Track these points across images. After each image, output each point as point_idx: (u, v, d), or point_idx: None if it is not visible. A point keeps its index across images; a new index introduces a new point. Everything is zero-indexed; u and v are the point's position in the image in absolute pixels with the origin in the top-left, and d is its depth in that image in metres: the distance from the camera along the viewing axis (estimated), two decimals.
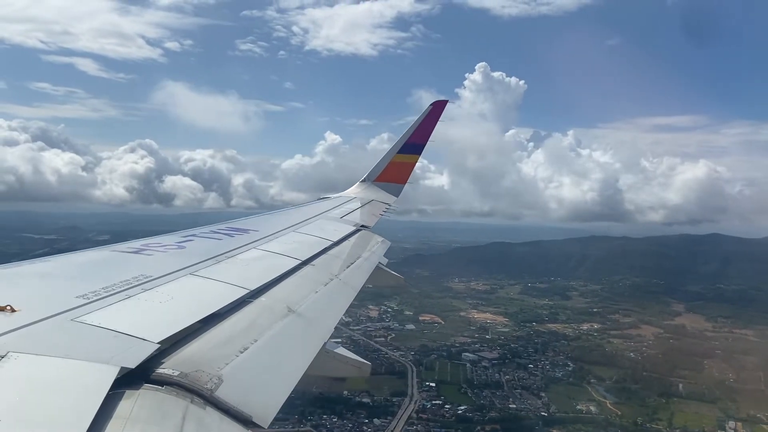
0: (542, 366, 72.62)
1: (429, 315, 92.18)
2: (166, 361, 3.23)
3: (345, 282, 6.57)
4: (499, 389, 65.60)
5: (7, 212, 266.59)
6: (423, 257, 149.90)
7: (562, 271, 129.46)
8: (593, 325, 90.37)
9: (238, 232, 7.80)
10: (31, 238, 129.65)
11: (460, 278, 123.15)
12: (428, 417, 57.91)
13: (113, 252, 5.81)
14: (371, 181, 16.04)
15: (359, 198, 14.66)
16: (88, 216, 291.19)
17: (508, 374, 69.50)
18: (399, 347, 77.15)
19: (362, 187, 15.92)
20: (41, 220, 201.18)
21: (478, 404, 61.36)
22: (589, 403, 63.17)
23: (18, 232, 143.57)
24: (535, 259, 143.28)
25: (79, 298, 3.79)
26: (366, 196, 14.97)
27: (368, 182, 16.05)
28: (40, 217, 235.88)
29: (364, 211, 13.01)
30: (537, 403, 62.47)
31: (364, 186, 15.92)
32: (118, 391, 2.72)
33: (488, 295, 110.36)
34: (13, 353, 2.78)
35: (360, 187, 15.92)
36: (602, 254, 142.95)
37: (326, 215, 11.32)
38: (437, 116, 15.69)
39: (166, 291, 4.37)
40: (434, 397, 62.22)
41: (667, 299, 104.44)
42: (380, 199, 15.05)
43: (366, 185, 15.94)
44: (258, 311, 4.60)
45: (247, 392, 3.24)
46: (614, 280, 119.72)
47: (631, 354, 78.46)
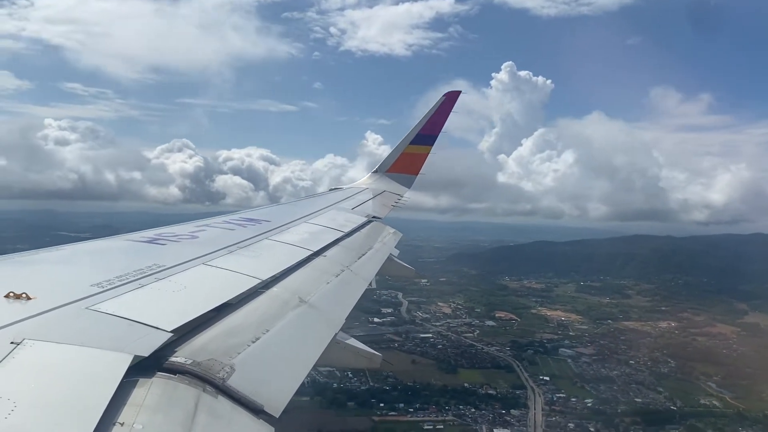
0: (644, 362, 72.62)
1: (503, 312, 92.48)
2: (179, 350, 3.26)
3: (356, 273, 6.57)
4: (612, 383, 65.84)
5: (43, 211, 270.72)
6: (466, 256, 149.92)
7: (609, 270, 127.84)
8: (670, 323, 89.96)
9: (250, 223, 7.83)
10: (67, 236, 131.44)
11: (510, 276, 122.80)
12: (560, 409, 58.82)
13: (127, 241, 5.86)
14: (383, 172, 15.98)
15: (371, 189, 14.62)
16: (134, 215, 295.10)
17: (615, 369, 69.75)
18: (490, 343, 77.94)
19: (374, 178, 15.86)
20: (78, 219, 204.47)
21: (601, 398, 61.75)
22: (709, 398, 63.25)
23: (54, 230, 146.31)
24: (580, 257, 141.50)
25: (93, 287, 3.83)
26: (378, 187, 14.93)
27: (380, 173, 16.00)
28: (78, 216, 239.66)
29: (375, 203, 13.00)
30: (658, 398, 62.57)
31: (376, 177, 15.87)
32: (132, 378, 2.75)
33: (546, 293, 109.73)
34: (30, 340, 2.81)
35: (372, 178, 15.87)
36: (648, 253, 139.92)
37: (338, 206, 11.32)
38: (450, 107, 15.59)
39: (179, 280, 4.39)
40: (554, 391, 63.00)
41: (726, 298, 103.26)
42: (392, 190, 15.00)
43: (378, 176, 15.89)
44: (270, 301, 4.62)
45: (259, 382, 3.26)
46: (665, 279, 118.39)
47: (723, 351, 78.21)
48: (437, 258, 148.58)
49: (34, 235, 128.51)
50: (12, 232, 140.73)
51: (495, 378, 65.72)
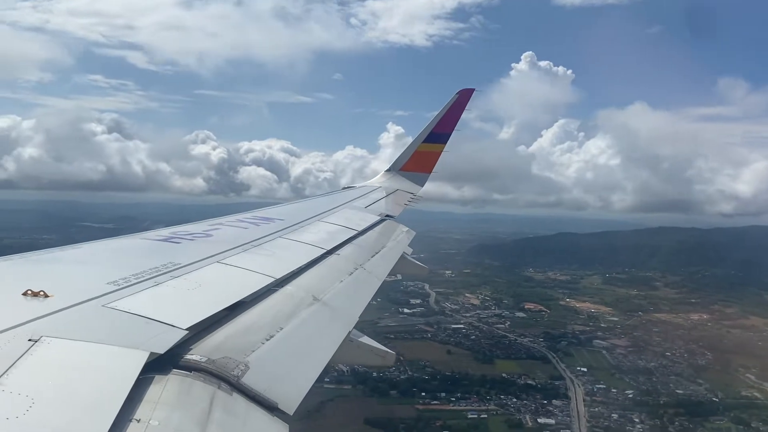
0: (680, 354, 72.40)
1: (532, 303, 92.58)
2: (194, 348, 3.28)
3: (370, 271, 6.57)
4: (651, 375, 65.80)
5: (67, 201, 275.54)
6: (488, 248, 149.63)
7: (635, 262, 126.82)
8: (701, 315, 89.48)
9: (263, 221, 7.86)
10: (90, 227, 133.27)
11: (534, 268, 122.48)
12: (601, 400, 59.02)
13: (143, 240, 5.91)
14: (396, 170, 15.96)
15: (384, 188, 14.61)
16: (157, 205, 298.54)
17: (652, 361, 69.71)
18: (523, 334, 78.37)
19: (387, 176, 15.85)
20: (100, 211, 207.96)
21: (641, 389, 61.83)
22: (750, 389, 62.98)
23: (78, 221, 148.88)
24: (604, 249, 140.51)
25: (109, 285, 3.87)
26: (391, 186, 14.92)
27: (393, 171, 15.98)
28: (101, 207, 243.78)
29: (388, 201, 12.99)
30: (699, 389, 62.37)
31: (389, 175, 15.85)
32: (148, 375, 2.77)
33: (572, 284, 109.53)
34: (47, 338, 2.85)
35: (385, 177, 15.86)
36: (673, 245, 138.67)
37: (351, 205, 11.33)
38: (463, 105, 15.51)
39: (193, 278, 4.42)
40: (593, 382, 63.17)
41: (755, 290, 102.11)
42: (405, 188, 14.98)
43: (391, 174, 15.87)
44: (283, 300, 4.63)
45: (273, 379, 3.27)
46: (692, 271, 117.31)
47: (759, 343, 77.83)
48: (458, 249, 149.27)
49: (59, 226, 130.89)
50: (39, 222, 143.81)
51: (532, 368, 66.22)
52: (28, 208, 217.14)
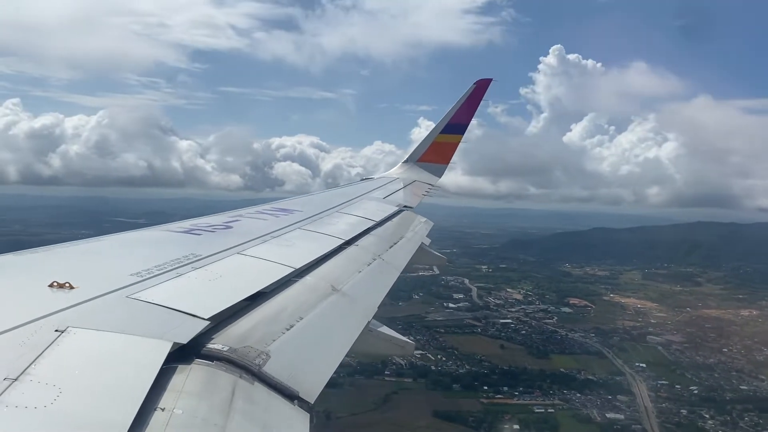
0: (737, 350, 71.33)
1: (576, 299, 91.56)
2: (216, 337, 3.32)
3: (388, 262, 6.58)
4: (712, 371, 65.09)
5: (100, 198, 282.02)
6: (521, 243, 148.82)
7: (673, 258, 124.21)
8: (751, 311, 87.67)
9: (283, 213, 7.90)
10: (123, 222, 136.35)
11: (571, 263, 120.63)
12: (667, 396, 58.62)
13: (164, 231, 5.98)
14: (414, 161, 15.92)
15: (402, 179, 14.59)
16: (191, 200, 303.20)
17: (711, 357, 68.92)
18: (573, 329, 77.75)
19: (405, 167, 15.82)
20: (133, 206, 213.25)
21: (705, 385, 61.23)
22: None
23: (112, 216, 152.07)
24: (641, 244, 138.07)
25: (133, 276, 3.92)
26: (408, 177, 14.89)
27: (411, 163, 15.95)
28: (132, 203, 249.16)
29: (406, 192, 12.98)
30: (762, 385, 61.52)
31: (406, 167, 15.83)
32: (171, 365, 2.81)
33: (612, 280, 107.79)
34: (73, 328, 2.90)
35: (402, 168, 15.84)
36: (713, 240, 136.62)
37: (369, 196, 11.34)
38: (481, 96, 15.40)
39: (214, 269, 4.46)
40: (654, 378, 62.65)
41: None
42: (423, 179, 14.95)
43: (408, 166, 15.84)
44: (303, 290, 4.66)
45: (294, 368, 3.30)
46: (735, 266, 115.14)
47: None
48: (490, 245, 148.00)
49: (93, 222, 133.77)
50: (76, 218, 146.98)
51: (589, 364, 65.64)
52: (69, 204, 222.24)
